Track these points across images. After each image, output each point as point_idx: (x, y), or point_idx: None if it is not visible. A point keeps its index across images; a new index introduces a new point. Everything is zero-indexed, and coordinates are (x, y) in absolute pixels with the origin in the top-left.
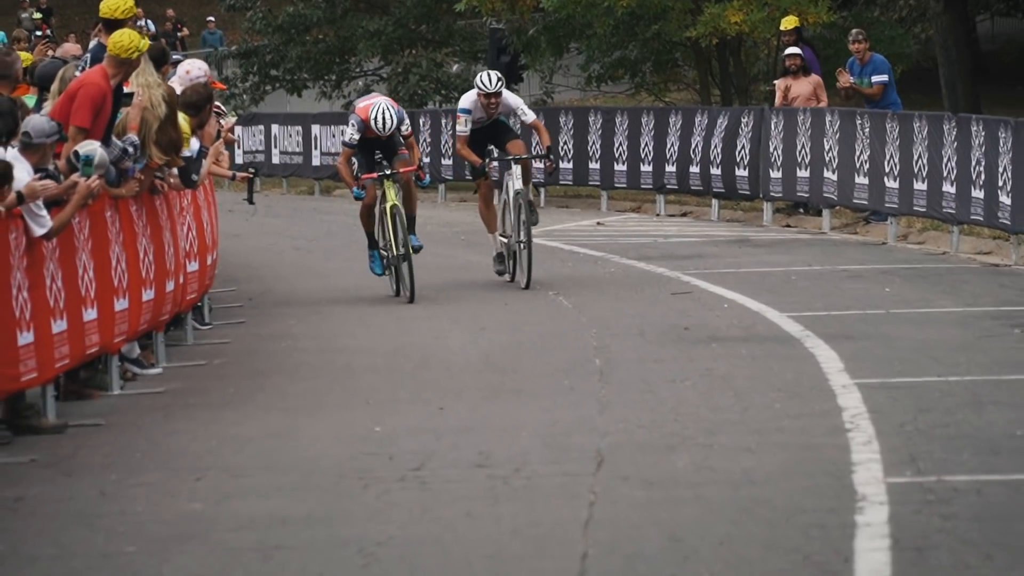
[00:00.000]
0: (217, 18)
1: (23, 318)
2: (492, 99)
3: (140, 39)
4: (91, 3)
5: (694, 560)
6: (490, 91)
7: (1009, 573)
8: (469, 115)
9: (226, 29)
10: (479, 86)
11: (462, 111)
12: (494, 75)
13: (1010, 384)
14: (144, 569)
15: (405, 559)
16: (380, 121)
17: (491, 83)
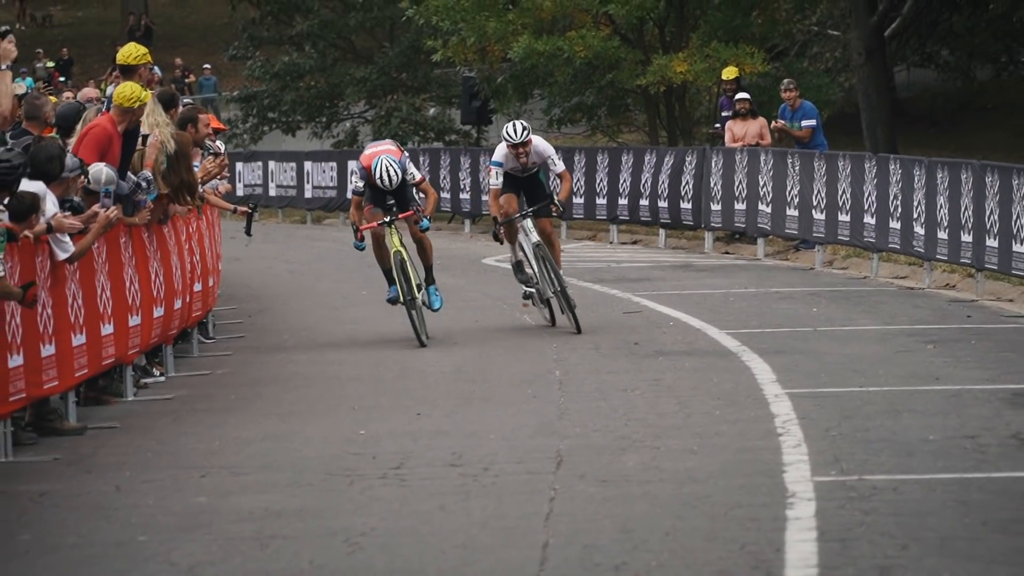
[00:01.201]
0: (220, 66)
1: (47, 332)
2: (520, 149)
3: (141, 91)
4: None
5: (643, 549)
6: (516, 141)
7: (922, 562)
8: (501, 167)
9: (228, 76)
10: (506, 137)
11: (494, 164)
12: (519, 125)
13: (923, 394)
14: (155, 556)
15: (386, 548)
16: (386, 178)
17: (517, 134)
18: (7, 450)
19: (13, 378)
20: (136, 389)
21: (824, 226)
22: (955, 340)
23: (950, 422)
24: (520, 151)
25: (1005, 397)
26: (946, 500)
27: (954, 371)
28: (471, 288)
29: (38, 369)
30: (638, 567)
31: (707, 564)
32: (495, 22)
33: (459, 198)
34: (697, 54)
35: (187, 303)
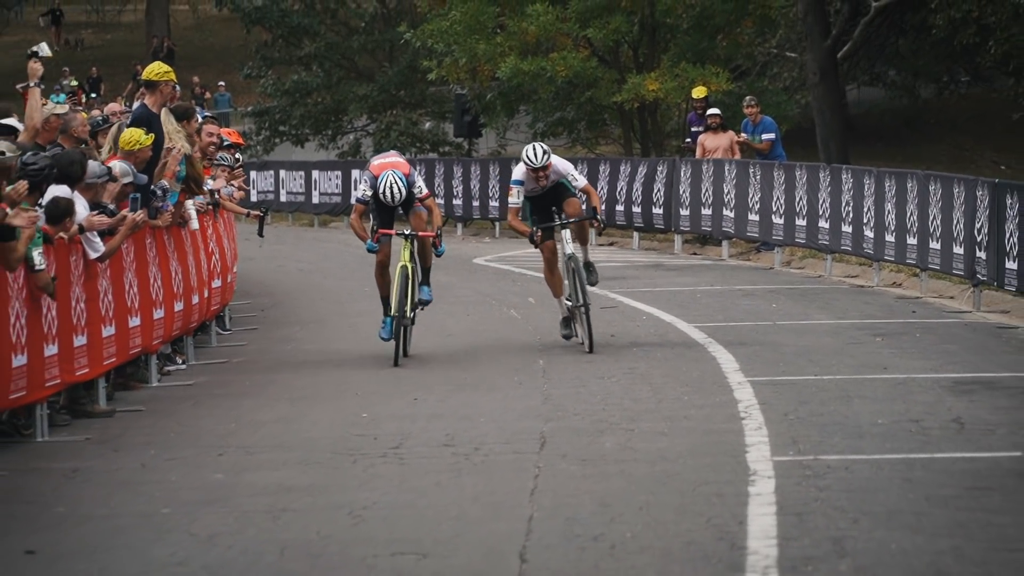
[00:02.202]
0: (235, 84)
1: (79, 324)
2: (541, 172)
3: (142, 135)
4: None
5: (619, 522)
6: (537, 166)
7: (872, 533)
8: (522, 186)
9: (243, 93)
10: (526, 161)
11: (515, 183)
12: (539, 148)
13: (872, 382)
14: (177, 527)
15: (387, 520)
16: (390, 195)
17: (537, 158)
18: (44, 430)
19: (48, 365)
20: (160, 376)
21: (783, 230)
22: (901, 333)
23: (897, 407)
24: (540, 174)
25: (947, 385)
26: (893, 478)
27: (900, 361)
28: (463, 285)
29: (71, 358)
30: (614, 538)
31: (677, 535)
32: (485, 44)
33: (452, 203)
34: (667, 74)
35: (206, 298)
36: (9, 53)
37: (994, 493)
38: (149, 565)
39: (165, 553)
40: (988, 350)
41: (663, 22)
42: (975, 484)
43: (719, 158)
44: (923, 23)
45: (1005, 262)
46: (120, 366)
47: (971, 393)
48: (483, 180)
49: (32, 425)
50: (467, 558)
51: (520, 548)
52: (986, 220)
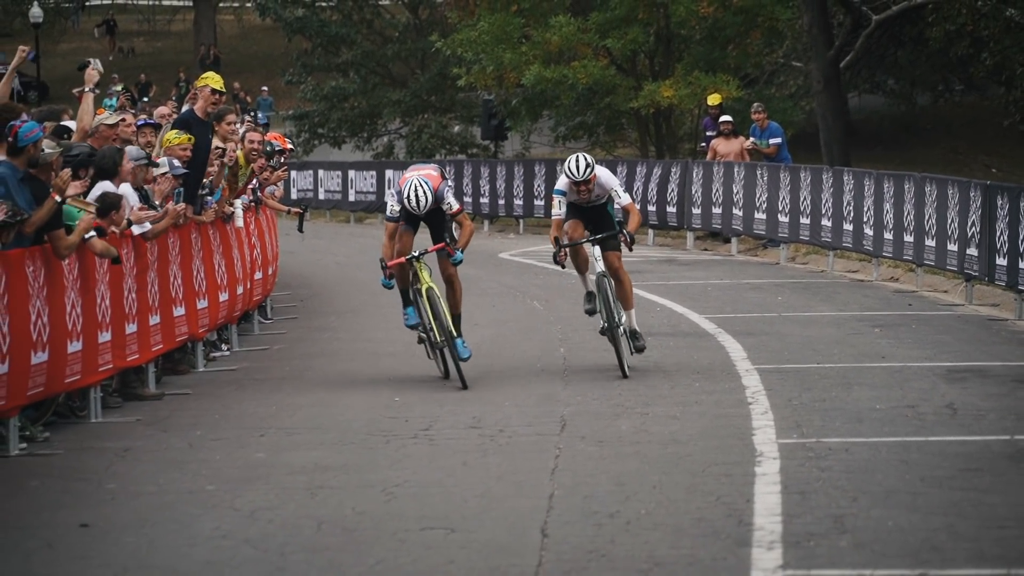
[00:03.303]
0: (277, 89)
1: (130, 313)
2: (583, 186)
3: (174, 135)
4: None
5: (634, 500)
6: (579, 179)
7: (870, 512)
8: (564, 196)
9: (284, 98)
10: (568, 173)
11: (557, 192)
12: (583, 161)
13: (871, 370)
14: (221, 502)
15: (417, 497)
16: (413, 199)
17: (580, 171)
18: (97, 412)
19: (102, 351)
20: (206, 361)
21: (788, 227)
22: (898, 325)
23: (894, 394)
24: (582, 188)
25: (940, 373)
26: (890, 460)
27: (897, 351)
28: (489, 278)
29: (123, 344)
30: (629, 515)
31: (688, 512)
32: (511, 53)
33: (480, 201)
34: (681, 81)
35: (249, 289)
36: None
37: (985, 474)
38: (195, 538)
39: (210, 527)
40: (979, 341)
41: (677, 33)
42: (967, 466)
43: (729, 161)
44: (920, 35)
45: (995, 259)
46: (169, 352)
47: (963, 381)
48: (508, 180)
49: (86, 407)
50: (492, 533)
51: (542, 524)
52: (978, 219)
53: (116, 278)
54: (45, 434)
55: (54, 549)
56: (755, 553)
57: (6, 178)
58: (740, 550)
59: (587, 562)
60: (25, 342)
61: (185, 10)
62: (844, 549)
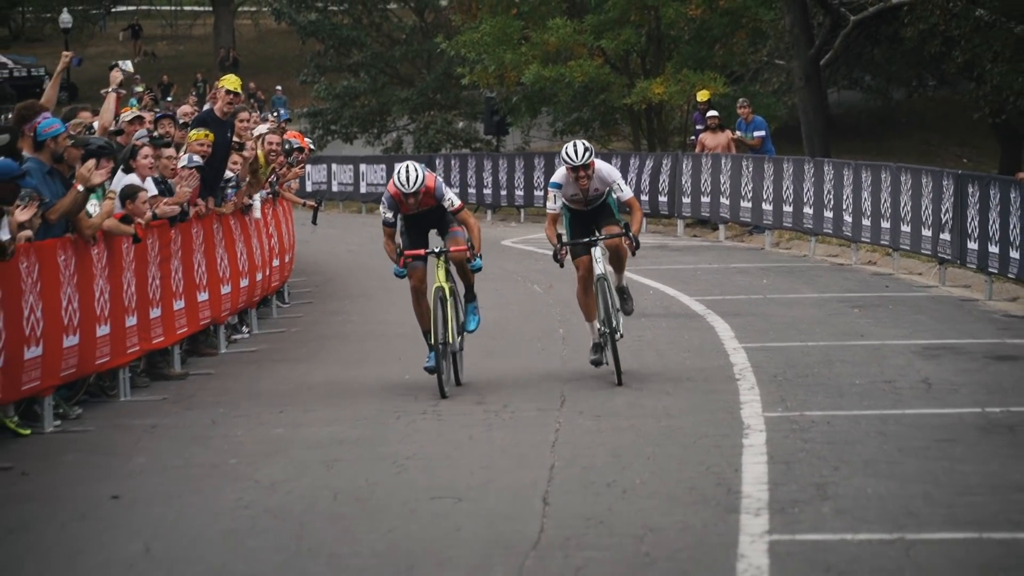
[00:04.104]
0: (292, 89)
1: (155, 298)
2: (581, 172)
3: (193, 132)
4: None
5: (629, 470)
6: (576, 164)
7: (851, 480)
8: (559, 190)
9: (298, 97)
10: (565, 159)
11: (552, 186)
12: (580, 146)
13: (851, 348)
14: (243, 475)
15: (426, 469)
16: (403, 174)
17: (578, 155)
18: (126, 391)
19: (129, 335)
20: (228, 343)
21: (772, 215)
22: (876, 305)
23: (872, 370)
24: (581, 174)
25: (916, 350)
26: (869, 431)
27: (875, 329)
28: (491, 264)
29: (148, 328)
30: (625, 484)
31: (680, 482)
32: (511, 54)
33: (483, 192)
34: (671, 79)
35: (267, 275)
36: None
37: (958, 444)
38: (219, 509)
39: (232, 498)
40: (952, 320)
41: (667, 34)
42: (941, 437)
43: (717, 153)
44: (895, 34)
45: (967, 243)
46: (193, 335)
47: (938, 357)
48: (509, 172)
49: (116, 387)
50: (497, 502)
51: (543, 493)
52: (951, 207)
53: (141, 266)
54: (78, 412)
55: (87, 519)
56: (743, 519)
57: (33, 172)
58: (729, 516)
59: (586, 529)
60: (57, 326)
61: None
62: (827, 515)
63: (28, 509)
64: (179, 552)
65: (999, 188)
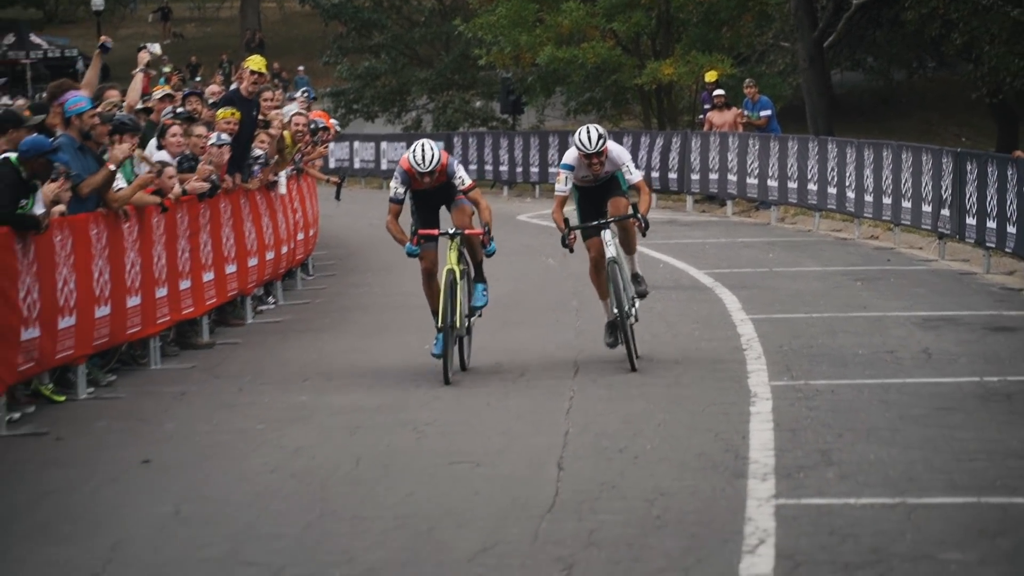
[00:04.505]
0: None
1: (184, 270)
2: (595, 159)
3: (221, 111)
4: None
5: (640, 436)
6: (590, 151)
7: (854, 447)
8: (571, 172)
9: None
10: (578, 146)
11: (564, 167)
12: (595, 132)
13: (853, 319)
14: (268, 441)
15: (445, 434)
16: (419, 153)
17: (592, 142)
18: (156, 360)
19: (160, 306)
20: (254, 314)
21: (777, 191)
22: (878, 278)
23: (874, 340)
24: (595, 161)
25: (916, 321)
26: (872, 399)
27: (877, 301)
28: (508, 238)
29: (178, 299)
30: (636, 450)
31: (690, 448)
32: (526, 36)
33: (499, 169)
34: (680, 60)
35: (292, 249)
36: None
37: (957, 412)
38: (245, 473)
39: (259, 463)
40: (951, 292)
41: (677, 16)
42: (941, 405)
43: (724, 131)
44: (896, 17)
45: (966, 218)
46: (220, 306)
47: (937, 328)
48: (525, 150)
49: (147, 355)
50: (513, 466)
51: (558, 458)
52: (950, 183)
53: (171, 239)
54: (110, 379)
55: (119, 483)
56: (750, 484)
57: (65, 147)
58: (737, 481)
59: (599, 493)
60: (89, 297)
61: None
62: (831, 480)
63: (62, 473)
64: (207, 514)
65: (996, 166)
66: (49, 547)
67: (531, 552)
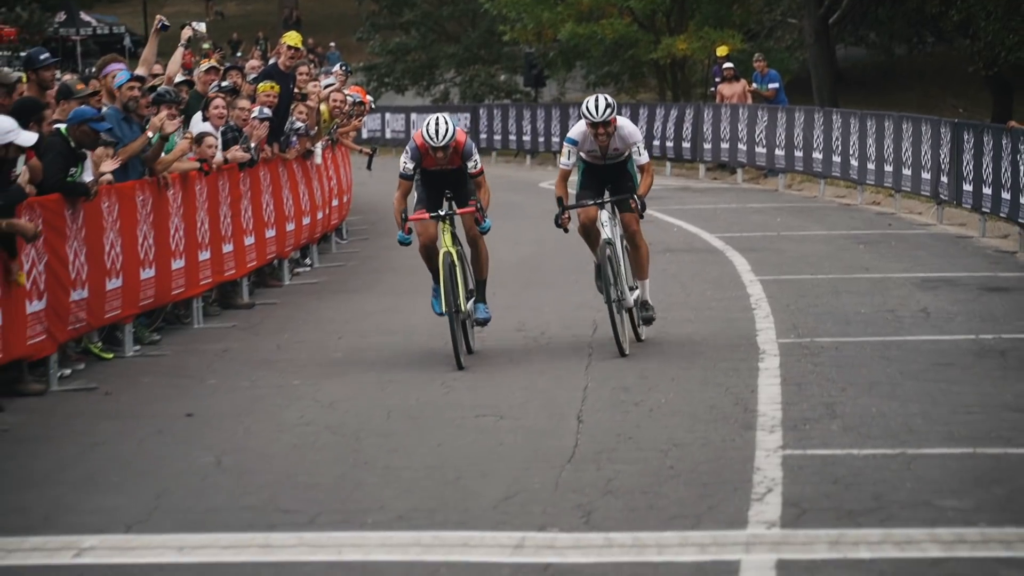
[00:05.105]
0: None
1: (227, 235)
2: (600, 129)
3: (271, 86)
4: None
5: (655, 390)
6: (597, 120)
7: (857, 400)
8: (575, 146)
9: (355, 52)
10: (585, 114)
11: (568, 141)
12: (602, 101)
13: (856, 280)
14: (305, 395)
15: (471, 387)
16: (433, 126)
17: (598, 111)
18: (199, 319)
19: (202, 268)
20: (292, 275)
21: (784, 159)
22: (879, 241)
23: (876, 300)
24: (600, 131)
25: (915, 282)
26: (873, 356)
27: (879, 263)
28: (529, 204)
29: (221, 261)
30: (652, 403)
31: (702, 401)
32: (548, 12)
33: (522, 139)
34: (693, 36)
35: (327, 214)
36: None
37: (954, 368)
38: (283, 425)
39: (295, 416)
40: (949, 255)
41: None
42: (939, 361)
43: (735, 103)
44: None
45: (962, 185)
46: (260, 268)
47: (935, 288)
48: (547, 121)
49: (190, 315)
50: (535, 419)
51: (578, 411)
52: (947, 152)
53: (214, 206)
54: (155, 337)
55: (163, 434)
56: (759, 435)
57: (110, 117)
58: (746, 433)
59: (616, 443)
60: (135, 260)
61: None
62: (835, 432)
63: (111, 425)
64: (247, 464)
65: (992, 135)
66: (98, 495)
67: (552, 499)
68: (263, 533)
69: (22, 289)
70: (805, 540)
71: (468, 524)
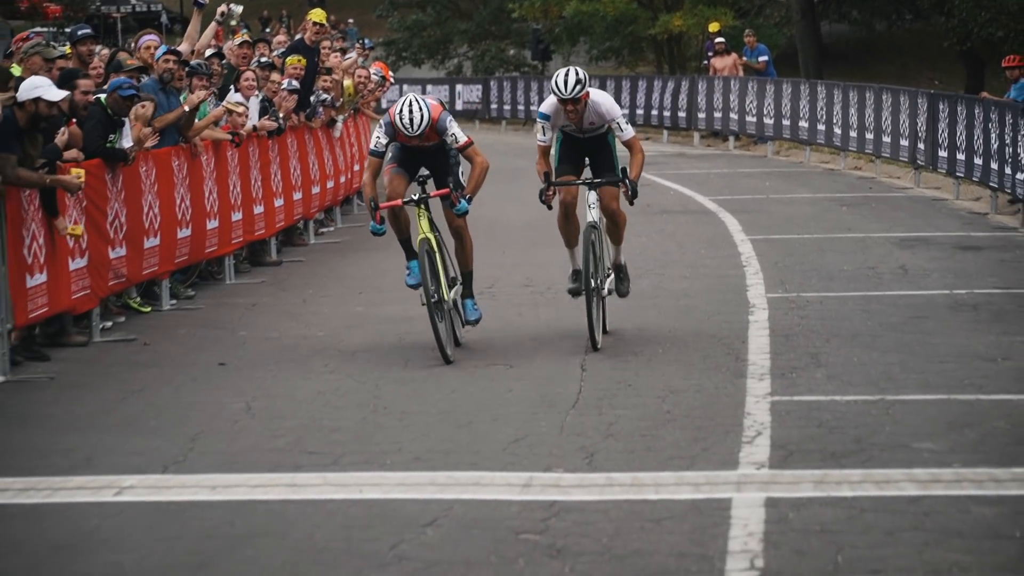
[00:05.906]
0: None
1: (258, 197)
2: (570, 106)
3: (297, 59)
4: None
5: (653, 342)
6: (565, 97)
7: (840, 350)
8: (548, 121)
9: (375, 28)
10: (554, 90)
11: (540, 116)
12: (572, 76)
13: (840, 240)
14: (329, 345)
15: (483, 340)
16: (406, 115)
17: (567, 87)
18: (231, 275)
19: (235, 228)
20: (316, 235)
21: (773, 128)
22: (861, 204)
23: (858, 258)
24: (570, 108)
25: (895, 242)
26: (855, 309)
27: (860, 224)
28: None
29: (252, 221)
30: (650, 353)
31: (696, 351)
32: None
33: (530, 109)
34: (688, 13)
35: (349, 179)
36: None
37: (929, 320)
38: (309, 372)
39: (320, 364)
40: (926, 216)
41: None
42: (916, 314)
43: (727, 75)
44: None
45: (938, 152)
46: (287, 228)
47: (913, 247)
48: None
49: (222, 271)
50: (542, 367)
51: (581, 360)
52: (924, 121)
53: (245, 170)
54: (190, 293)
55: (198, 382)
56: (749, 383)
57: (147, 87)
58: (737, 380)
59: (617, 390)
60: (172, 221)
61: None
62: (819, 380)
63: (149, 373)
64: (275, 409)
65: (965, 105)
66: (137, 438)
67: (557, 442)
68: (290, 473)
69: (65, 248)
70: (792, 480)
71: (480, 465)
